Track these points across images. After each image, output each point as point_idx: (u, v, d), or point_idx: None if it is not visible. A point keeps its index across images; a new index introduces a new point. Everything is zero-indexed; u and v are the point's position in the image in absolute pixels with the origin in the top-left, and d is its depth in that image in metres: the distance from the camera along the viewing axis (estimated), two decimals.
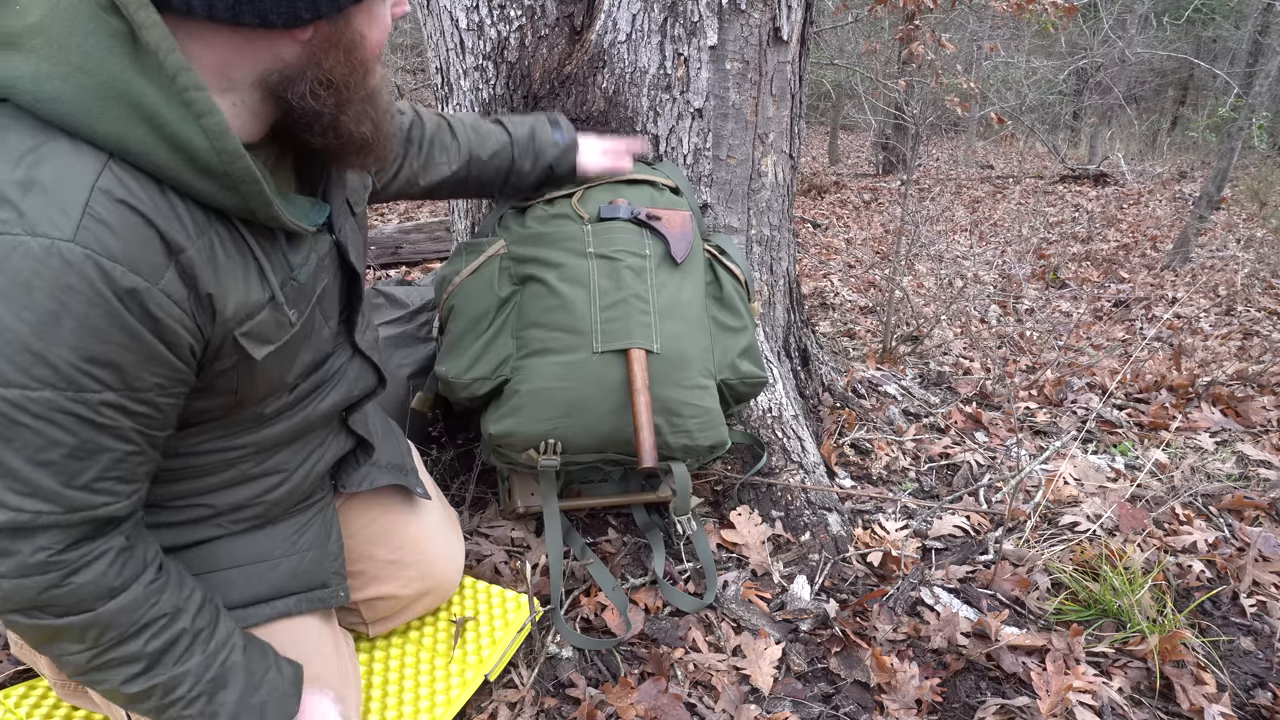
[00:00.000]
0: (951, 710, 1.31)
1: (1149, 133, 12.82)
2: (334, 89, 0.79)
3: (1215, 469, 2.07)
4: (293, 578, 1.06)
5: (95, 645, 0.81)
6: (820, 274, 5.01)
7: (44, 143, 0.67)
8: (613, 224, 1.42)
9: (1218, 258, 5.50)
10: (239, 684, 0.91)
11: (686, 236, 1.45)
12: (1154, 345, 3.48)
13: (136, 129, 0.68)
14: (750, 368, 1.50)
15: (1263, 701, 1.33)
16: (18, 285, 0.65)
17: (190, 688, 0.87)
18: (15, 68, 0.67)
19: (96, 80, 0.67)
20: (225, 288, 0.79)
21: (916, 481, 1.99)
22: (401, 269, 4.02)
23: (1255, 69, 8.59)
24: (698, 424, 1.40)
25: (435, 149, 1.32)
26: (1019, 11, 4.70)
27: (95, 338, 0.69)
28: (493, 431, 1.37)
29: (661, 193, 1.49)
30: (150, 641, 0.83)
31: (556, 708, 1.27)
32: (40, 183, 0.66)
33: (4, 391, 0.68)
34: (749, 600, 1.50)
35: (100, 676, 0.83)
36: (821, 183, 9.31)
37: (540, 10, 1.49)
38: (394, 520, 1.28)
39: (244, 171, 0.74)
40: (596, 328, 1.35)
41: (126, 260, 0.69)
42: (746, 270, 1.56)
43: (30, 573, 0.74)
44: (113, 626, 0.81)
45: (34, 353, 0.67)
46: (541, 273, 1.38)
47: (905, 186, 3.33)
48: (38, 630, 0.79)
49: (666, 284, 1.41)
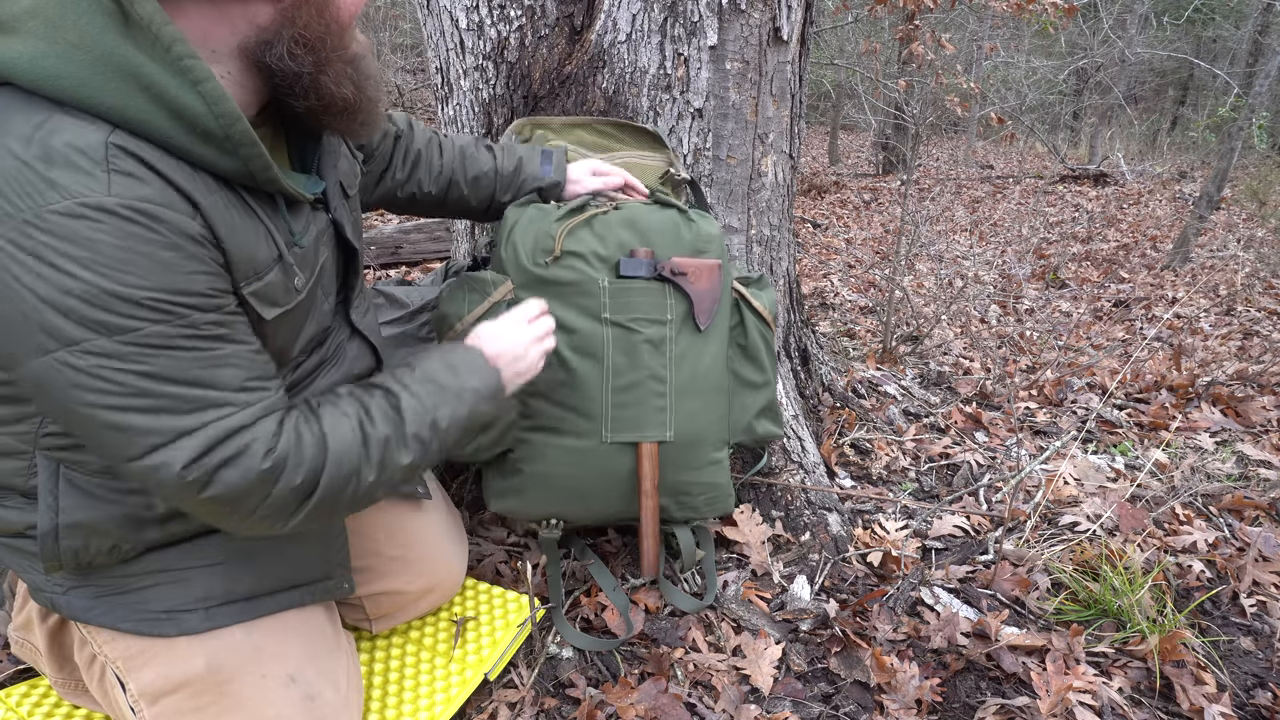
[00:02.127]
0: (951, 710, 1.31)
1: (1149, 133, 12.82)
2: (310, 47, 0.82)
3: (1215, 469, 2.07)
4: (296, 570, 1.06)
5: (370, 469, 0.89)
6: (820, 274, 5.01)
7: (48, 118, 0.70)
8: (632, 284, 1.28)
9: (1218, 258, 5.51)
10: (447, 396, 0.99)
11: (714, 295, 1.32)
12: (1154, 345, 3.48)
13: (136, 98, 0.71)
14: (768, 428, 1.45)
15: (1263, 701, 1.33)
16: (84, 246, 0.69)
17: (437, 416, 0.96)
18: (13, 50, 0.69)
19: (94, 55, 0.70)
20: (238, 242, 0.81)
21: (916, 481, 1.99)
22: (401, 269, 4.02)
23: (1255, 69, 8.59)
24: (705, 500, 1.40)
25: (420, 163, 1.32)
26: (1019, 11, 4.70)
27: (168, 270, 0.73)
28: (495, 508, 1.36)
29: (690, 225, 1.33)
30: (380, 432, 0.90)
31: (556, 708, 1.27)
32: (57, 152, 0.69)
33: (123, 339, 0.72)
34: (749, 600, 1.50)
35: (395, 473, 0.92)
36: (821, 183, 9.31)
37: (540, 10, 1.49)
38: (399, 517, 1.29)
39: (243, 134, 0.77)
40: (607, 414, 1.28)
41: (163, 201, 0.73)
42: (774, 308, 1.46)
43: (265, 472, 0.80)
44: (346, 458, 0.87)
45: (124, 299, 0.71)
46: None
47: (905, 186, 3.33)
48: (327, 508, 0.87)
49: (687, 354, 1.32)
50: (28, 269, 0.69)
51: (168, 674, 0.96)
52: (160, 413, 0.75)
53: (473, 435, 1.05)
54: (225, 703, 0.98)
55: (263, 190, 0.85)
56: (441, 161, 1.33)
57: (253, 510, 0.82)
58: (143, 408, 0.74)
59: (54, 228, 0.68)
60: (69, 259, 0.69)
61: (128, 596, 0.96)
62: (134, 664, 0.97)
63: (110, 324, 0.71)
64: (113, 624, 0.95)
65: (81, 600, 0.95)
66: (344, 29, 0.86)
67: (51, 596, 0.96)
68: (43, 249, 0.68)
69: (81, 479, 0.89)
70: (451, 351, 1.06)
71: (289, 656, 1.02)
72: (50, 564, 0.90)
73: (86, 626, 0.99)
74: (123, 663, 0.98)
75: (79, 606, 0.95)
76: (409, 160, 1.31)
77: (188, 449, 0.76)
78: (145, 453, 0.75)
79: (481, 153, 1.36)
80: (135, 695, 0.98)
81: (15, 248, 0.68)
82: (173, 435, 0.76)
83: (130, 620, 0.95)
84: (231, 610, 0.99)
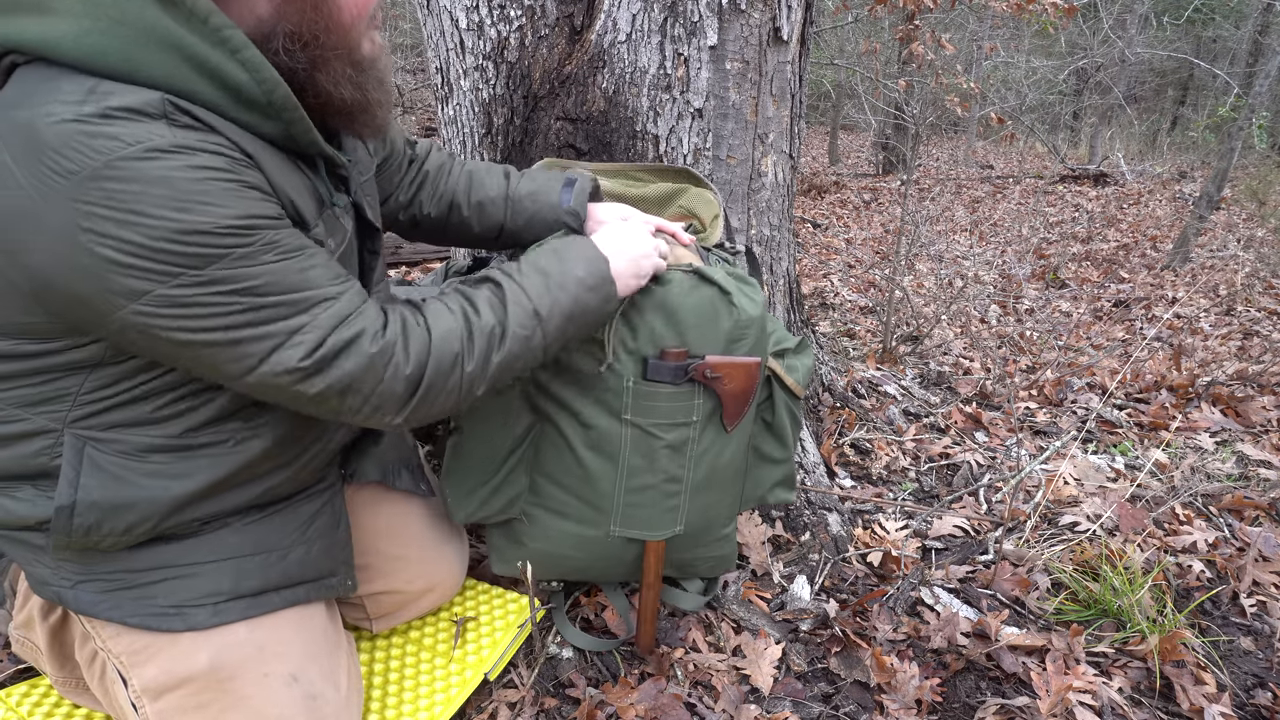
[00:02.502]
0: (951, 710, 1.31)
1: (1149, 133, 12.82)
2: (304, 44, 0.84)
3: (1215, 469, 2.07)
4: (302, 567, 1.07)
5: (472, 360, 0.91)
6: (820, 274, 5.01)
7: (99, 84, 0.73)
8: (659, 389, 1.14)
9: (1218, 258, 5.50)
10: (550, 284, 0.98)
11: (748, 397, 1.19)
12: (1154, 345, 3.48)
13: (181, 69, 0.75)
14: (781, 496, 1.38)
15: (1263, 701, 1.33)
16: (160, 184, 0.71)
17: (542, 303, 0.96)
18: (55, 29, 0.73)
19: (137, 30, 0.73)
20: (289, 195, 0.85)
21: (916, 481, 1.99)
22: (401, 269, 4.02)
23: (1255, 69, 8.59)
24: (709, 567, 1.39)
25: (424, 185, 1.27)
26: (1019, 11, 4.70)
27: (241, 197, 0.76)
28: (497, 571, 1.34)
29: (730, 311, 1.13)
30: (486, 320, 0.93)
31: (556, 708, 1.27)
32: (116, 110, 0.71)
33: (217, 267, 0.75)
34: (749, 600, 1.50)
35: (494, 365, 0.94)
36: (821, 183, 9.31)
37: (540, 10, 1.49)
38: (400, 516, 1.29)
39: (284, 99, 0.81)
40: (618, 511, 1.21)
41: (223, 148, 0.77)
42: (809, 376, 1.33)
43: (375, 356, 0.84)
44: (448, 347, 0.89)
45: (207, 230, 0.74)
46: (565, 425, 1.18)
47: (905, 186, 3.33)
48: (434, 397, 0.90)
49: (708, 451, 1.21)
50: (107, 218, 0.71)
51: (171, 670, 0.96)
52: (269, 322, 0.79)
53: (575, 332, 1.01)
54: (227, 700, 0.98)
55: (303, 153, 0.89)
56: (446, 183, 1.26)
57: (367, 397, 0.85)
58: (252, 321, 0.78)
59: (126, 173, 0.70)
60: (148, 200, 0.71)
61: (136, 591, 0.96)
62: (137, 660, 0.97)
63: (200, 254, 0.74)
64: (120, 618, 0.95)
65: (90, 594, 0.95)
66: (345, 29, 0.86)
67: (59, 590, 0.95)
68: (118, 196, 0.70)
69: (106, 459, 0.90)
70: (562, 240, 1.07)
71: (291, 655, 1.02)
72: (59, 539, 0.90)
73: (92, 622, 0.99)
74: (126, 659, 0.98)
75: (87, 600, 0.95)
76: (415, 182, 1.26)
77: (303, 344, 0.80)
78: (263, 358, 0.79)
79: (493, 177, 1.26)
80: (137, 692, 0.98)
81: (87, 203, 0.70)
82: (286, 335, 0.80)
83: (138, 615, 0.95)
84: (238, 606, 0.99)
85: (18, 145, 0.71)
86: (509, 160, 1.58)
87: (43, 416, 0.87)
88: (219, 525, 0.99)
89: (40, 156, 0.70)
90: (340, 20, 0.86)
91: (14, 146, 0.71)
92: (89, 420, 0.88)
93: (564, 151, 1.53)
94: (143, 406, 0.89)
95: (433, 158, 1.27)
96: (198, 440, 0.93)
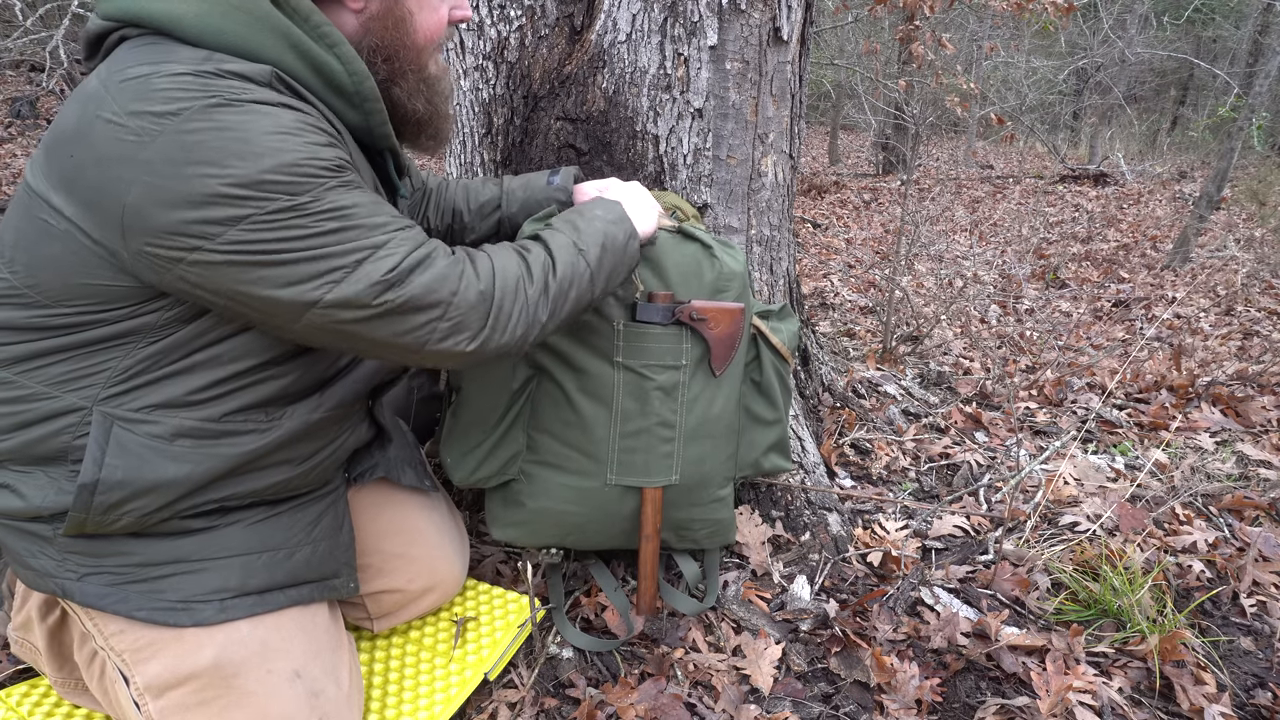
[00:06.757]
0: (951, 710, 1.31)
1: (1149, 133, 12.82)
2: (386, 59, 0.97)
3: (1215, 469, 2.07)
4: (306, 567, 1.07)
5: (533, 284, 0.98)
6: (820, 274, 5.01)
7: (214, 54, 0.83)
8: (648, 329, 1.23)
9: (1218, 258, 5.50)
10: (579, 226, 1.07)
11: (734, 340, 1.28)
12: (1154, 345, 3.48)
13: (288, 54, 0.86)
14: (775, 462, 1.43)
15: (1263, 701, 1.33)
16: (265, 118, 0.80)
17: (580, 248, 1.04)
18: (179, 7, 0.83)
19: (254, 15, 0.84)
20: (364, 176, 0.94)
21: (916, 481, 1.99)
22: None
23: (1255, 69, 8.59)
24: (706, 534, 1.40)
25: (428, 200, 1.37)
26: (1019, 11, 4.70)
27: (333, 148, 0.85)
28: (497, 536, 1.37)
29: (713, 263, 1.26)
30: (536, 264, 1.00)
31: (556, 708, 1.27)
32: (230, 70, 0.81)
33: (320, 192, 0.82)
34: (749, 600, 1.50)
35: (551, 291, 1.00)
36: (821, 183, 9.31)
37: (540, 10, 1.49)
38: (402, 515, 1.31)
39: (370, 90, 0.93)
40: (613, 458, 1.26)
41: (317, 121, 0.86)
42: (794, 341, 1.42)
43: (449, 267, 0.91)
44: (510, 272, 0.96)
45: (303, 164, 0.81)
46: (560, 374, 1.25)
47: (905, 186, 3.33)
48: (506, 320, 0.95)
49: (699, 398, 1.28)
50: (214, 147, 0.77)
51: (175, 666, 0.97)
52: (357, 239, 0.85)
53: (611, 263, 1.08)
54: (230, 697, 0.98)
55: (375, 146, 1.00)
56: (446, 196, 1.37)
57: (446, 309, 0.90)
58: (341, 240, 0.84)
59: (233, 113, 0.78)
60: (254, 129, 0.78)
61: (144, 585, 0.96)
62: (141, 656, 0.97)
63: (298, 183, 0.80)
64: (127, 612, 0.95)
65: (96, 587, 0.95)
66: (419, 49, 1.00)
67: (64, 582, 0.95)
68: (228, 124, 0.78)
69: (132, 440, 0.90)
70: (575, 207, 1.16)
71: (294, 653, 1.03)
72: (76, 517, 0.90)
73: (94, 619, 0.99)
74: (130, 655, 0.98)
75: (94, 593, 0.95)
76: (423, 202, 1.36)
77: (389, 258, 0.86)
78: (350, 271, 0.84)
79: (488, 185, 1.38)
80: (140, 689, 0.98)
81: (194, 132, 0.77)
82: (371, 249, 0.85)
83: (145, 609, 0.96)
84: (245, 603, 1.00)
85: (128, 96, 0.78)
86: (509, 160, 1.58)
87: (73, 394, 0.89)
88: (230, 520, 1.00)
89: (150, 100, 0.77)
90: (415, 41, 0.99)
91: (122, 99, 0.78)
92: (121, 399, 0.90)
93: (564, 151, 1.53)
94: (183, 383, 0.91)
95: (432, 179, 1.39)
96: (232, 426, 0.96)
